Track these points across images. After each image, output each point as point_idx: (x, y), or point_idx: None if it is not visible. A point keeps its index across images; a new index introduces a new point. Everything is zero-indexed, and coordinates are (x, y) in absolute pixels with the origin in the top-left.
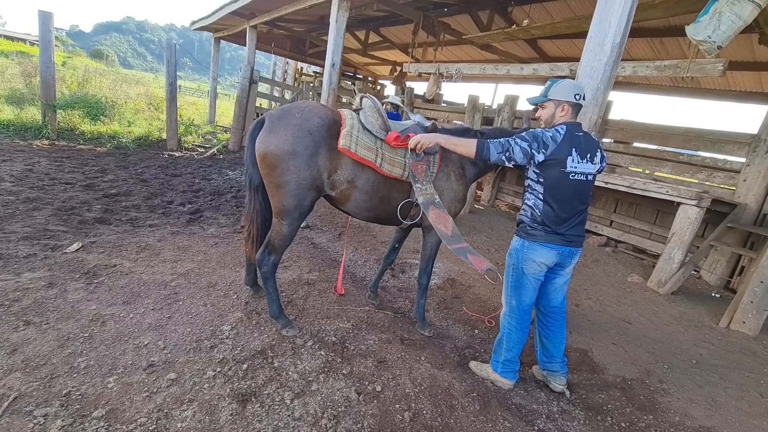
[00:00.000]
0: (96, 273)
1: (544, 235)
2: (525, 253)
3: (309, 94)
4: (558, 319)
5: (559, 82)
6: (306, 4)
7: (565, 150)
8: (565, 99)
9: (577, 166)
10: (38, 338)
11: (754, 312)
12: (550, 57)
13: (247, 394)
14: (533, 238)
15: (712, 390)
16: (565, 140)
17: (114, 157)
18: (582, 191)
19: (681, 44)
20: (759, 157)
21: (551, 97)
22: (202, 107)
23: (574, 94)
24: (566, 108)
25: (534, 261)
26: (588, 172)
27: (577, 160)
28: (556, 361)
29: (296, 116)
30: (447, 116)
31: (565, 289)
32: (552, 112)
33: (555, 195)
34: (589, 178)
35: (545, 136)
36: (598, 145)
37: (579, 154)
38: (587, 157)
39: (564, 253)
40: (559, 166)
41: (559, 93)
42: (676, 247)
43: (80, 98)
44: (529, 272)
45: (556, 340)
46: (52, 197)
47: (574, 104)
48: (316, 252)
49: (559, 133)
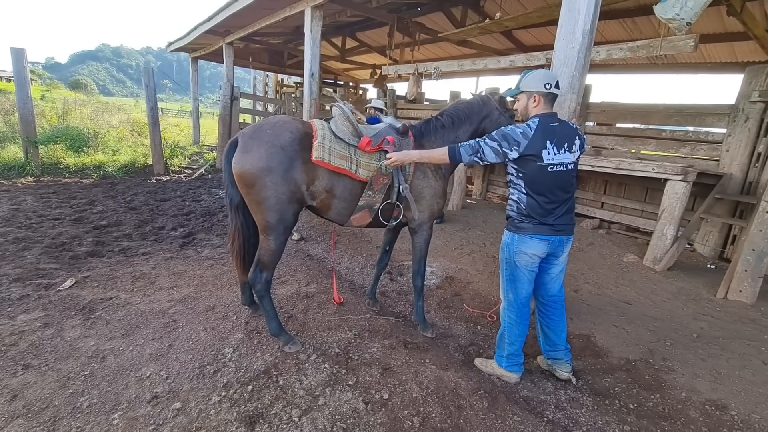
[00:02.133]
0: (92, 308)
1: (533, 227)
2: (516, 246)
3: (292, 105)
4: (557, 308)
5: (530, 73)
6: (279, 17)
7: (539, 144)
8: (536, 89)
9: (555, 158)
10: (38, 381)
11: (749, 280)
12: (527, 47)
13: (255, 416)
14: (522, 231)
15: (715, 362)
16: (537, 134)
17: (101, 187)
18: (563, 181)
19: (653, 22)
20: (739, 126)
21: (523, 89)
22: (185, 128)
23: (545, 84)
24: (538, 98)
25: (525, 253)
26: (567, 161)
27: (554, 152)
28: (560, 349)
29: (267, 133)
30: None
31: (561, 277)
32: (525, 104)
33: (536, 188)
34: (569, 167)
35: (514, 133)
36: (576, 132)
37: (555, 146)
38: (564, 147)
39: (555, 243)
40: (535, 160)
41: (529, 84)
42: (668, 223)
43: (62, 131)
44: (522, 265)
45: (557, 328)
46: (42, 235)
47: (545, 94)
48: (313, 264)
49: (530, 128)
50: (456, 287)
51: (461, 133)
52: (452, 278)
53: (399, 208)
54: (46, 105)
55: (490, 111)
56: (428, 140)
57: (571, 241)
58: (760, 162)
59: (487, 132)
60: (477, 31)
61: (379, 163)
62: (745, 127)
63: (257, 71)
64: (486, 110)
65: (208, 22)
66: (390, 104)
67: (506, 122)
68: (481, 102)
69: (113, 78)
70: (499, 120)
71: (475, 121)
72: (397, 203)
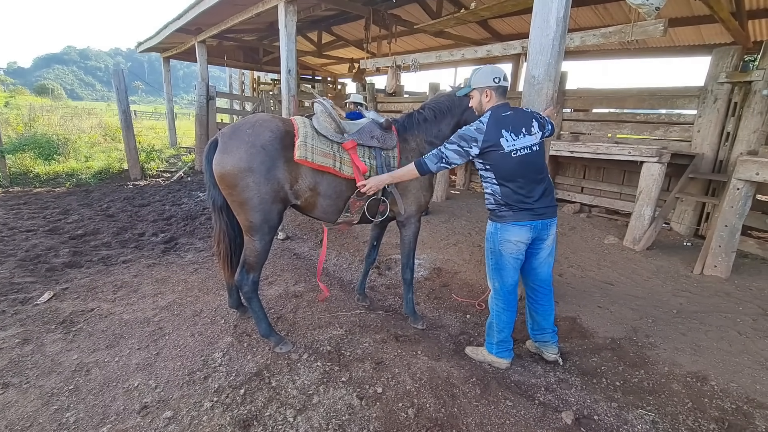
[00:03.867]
0: (73, 320)
1: (513, 214)
2: (500, 235)
3: (270, 103)
4: (546, 292)
5: (478, 70)
6: (252, 13)
7: (495, 134)
8: (486, 85)
9: (515, 143)
10: (20, 399)
11: (723, 255)
12: (503, 36)
13: (249, 419)
14: (504, 220)
15: (694, 336)
16: (490, 126)
17: (75, 195)
18: (531, 164)
19: (623, 7)
20: (708, 107)
21: (474, 86)
22: (161, 130)
23: (493, 78)
24: (490, 93)
25: (510, 241)
26: (530, 144)
27: (512, 139)
28: (547, 332)
29: (247, 132)
30: (411, 107)
31: (550, 261)
32: (479, 100)
33: (506, 175)
34: (534, 149)
35: (469, 132)
36: (532, 116)
37: (512, 132)
38: (522, 131)
39: (538, 227)
40: (496, 150)
41: (479, 81)
42: (645, 204)
43: (29, 139)
44: (508, 252)
45: (545, 312)
46: (14, 248)
47: (496, 87)
48: (300, 262)
49: (482, 123)
50: (444, 278)
51: (444, 126)
52: (440, 269)
53: (385, 204)
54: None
55: (470, 102)
56: (411, 134)
57: (555, 224)
58: (729, 141)
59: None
60: (453, 22)
61: (364, 159)
62: (714, 108)
63: (232, 69)
64: (466, 102)
65: (179, 20)
66: (370, 98)
67: None
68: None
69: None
70: None
71: (457, 114)
72: (383, 199)
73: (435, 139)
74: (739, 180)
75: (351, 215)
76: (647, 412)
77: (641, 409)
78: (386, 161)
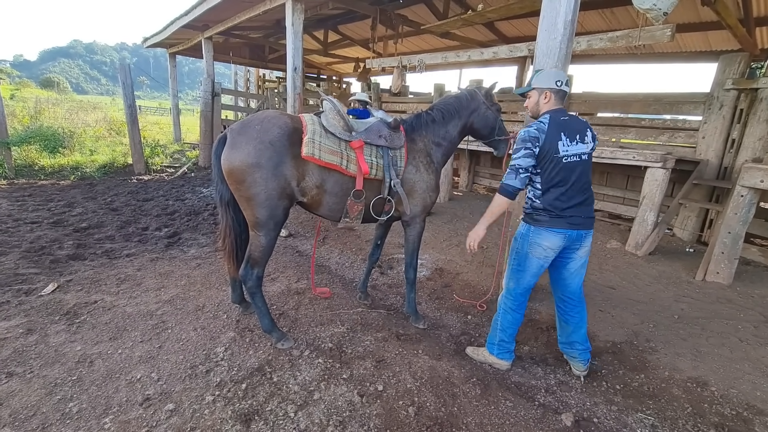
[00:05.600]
0: (76, 312)
1: (549, 219)
2: (531, 238)
3: (275, 101)
4: (576, 305)
5: (542, 72)
6: (259, 11)
7: (554, 136)
8: (547, 86)
9: (569, 149)
10: (24, 389)
11: (726, 262)
12: (509, 38)
13: (250, 414)
14: (538, 224)
15: (695, 342)
16: (551, 128)
17: (80, 188)
18: (579, 172)
19: (631, 12)
20: (714, 113)
21: (534, 86)
22: (166, 126)
23: (555, 81)
24: (549, 95)
25: (540, 245)
26: (581, 152)
27: (567, 144)
28: (576, 347)
29: (256, 128)
30: (415, 107)
31: (581, 273)
32: (536, 100)
33: (552, 181)
34: (583, 158)
35: (530, 132)
36: (587, 126)
37: (568, 138)
38: (577, 138)
39: (571, 237)
40: (552, 152)
41: (541, 81)
42: (648, 209)
43: (35, 132)
44: (535, 256)
45: (576, 325)
46: (19, 239)
47: (556, 91)
48: (302, 260)
49: (543, 124)
50: (446, 278)
51: (451, 128)
52: (442, 270)
53: (390, 203)
54: (17, 105)
55: (477, 105)
56: (419, 134)
57: (591, 236)
58: (734, 148)
59: (475, 126)
60: (460, 23)
61: (370, 159)
62: (720, 115)
63: (238, 66)
64: (474, 104)
65: (186, 16)
66: (375, 98)
67: (493, 116)
68: (469, 96)
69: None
70: (486, 114)
71: (464, 116)
72: (388, 198)
73: (442, 140)
74: (744, 187)
75: (350, 220)
76: (647, 416)
77: (641, 413)
78: (393, 161)
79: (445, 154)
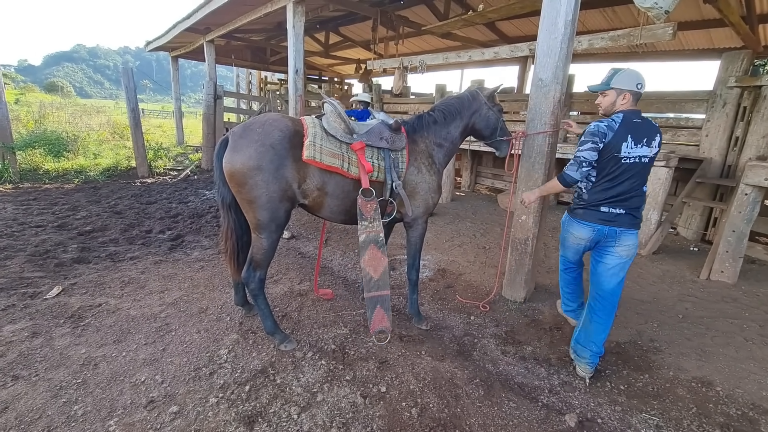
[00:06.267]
0: (81, 315)
1: (582, 212)
2: (565, 226)
3: (276, 103)
4: (606, 306)
5: (623, 72)
6: (261, 13)
7: (621, 136)
8: (628, 88)
9: (632, 151)
10: (29, 392)
11: (730, 261)
12: (510, 38)
13: (253, 416)
14: (572, 215)
15: (700, 341)
16: (621, 127)
17: (84, 192)
18: (635, 173)
19: (632, 11)
20: (717, 111)
21: (614, 86)
22: (169, 128)
23: (636, 84)
24: (628, 96)
25: (571, 234)
26: (643, 155)
27: (632, 146)
28: (587, 350)
29: (257, 131)
30: (417, 108)
31: (618, 275)
32: (613, 100)
33: (606, 176)
34: (644, 161)
35: (600, 128)
36: (657, 131)
37: (634, 140)
38: (643, 142)
39: (603, 232)
40: (613, 151)
41: (622, 82)
42: (652, 208)
43: (39, 136)
44: (570, 241)
45: (599, 327)
46: (24, 243)
47: (635, 93)
48: (305, 261)
49: (615, 122)
50: (448, 279)
51: (452, 129)
52: (444, 270)
53: (392, 205)
54: (21, 109)
55: (479, 106)
56: (421, 135)
57: (632, 238)
58: (738, 146)
59: (476, 127)
60: (460, 24)
61: (372, 161)
62: (723, 112)
63: (240, 69)
64: (476, 105)
65: (188, 19)
66: (376, 99)
67: (494, 117)
68: (470, 97)
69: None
70: (488, 114)
71: (466, 117)
72: (390, 200)
73: (444, 141)
74: (748, 185)
75: (368, 222)
76: (651, 416)
77: (645, 414)
78: (395, 162)
79: (446, 154)
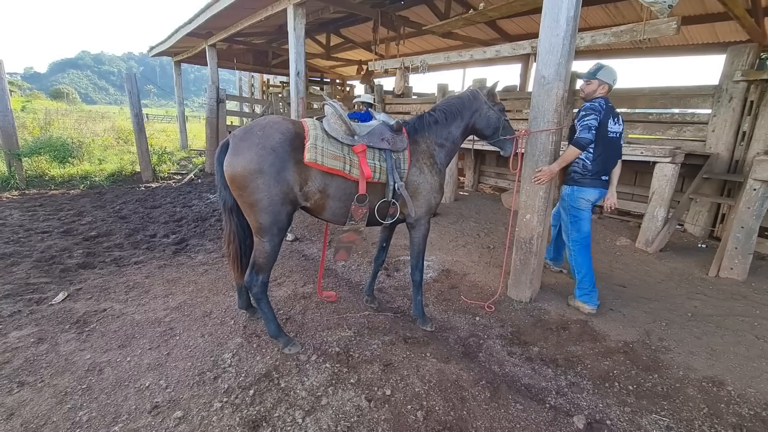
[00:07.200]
0: (86, 320)
1: (590, 181)
2: (577, 194)
3: (279, 105)
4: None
5: (606, 68)
6: (262, 17)
7: (608, 115)
8: (608, 81)
9: (613, 127)
10: (35, 398)
11: (739, 257)
12: (512, 36)
13: (258, 420)
14: (581, 184)
15: (710, 340)
16: (607, 108)
17: (89, 197)
18: (616, 146)
19: (635, 6)
20: (723, 106)
21: (598, 78)
22: (172, 133)
23: (613, 79)
24: (606, 87)
25: (583, 199)
26: (618, 131)
27: (613, 123)
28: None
29: (258, 135)
30: (419, 108)
31: None
32: (595, 89)
33: (601, 149)
34: (619, 135)
35: (594, 106)
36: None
37: (613, 119)
38: (618, 120)
39: (604, 194)
40: (604, 127)
41: (605, 76)
42: (658, 205)
43: (45, 142)
44: (582, 207)
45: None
46: (30, 249)
47: (610, 86)
48: (308, 264)
49: (601, 105)
50: (453, 280)
51: (453, 129)
52: (449, 271)
53: (395, 206)
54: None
55: (479, 105)
56: (422, 136)
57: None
58: (745, 141)
59: (477, 126)
60: (461, 23)
61: (373, 162)
62: (730, 107)
63: (242, 72)
64: (476, 104)
65: (190, 24)
66: (378, 99)
67: (495, 115)
68: (471, 97)
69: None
70: (488, 113)
71: (467, 116)
72: (393, 201)
73: (445, 141)
74: (756, 180)
75: (356, 223)
76: (661, 417)
77: (655, 414)
78: (396, 163)
79: (448, 154)
